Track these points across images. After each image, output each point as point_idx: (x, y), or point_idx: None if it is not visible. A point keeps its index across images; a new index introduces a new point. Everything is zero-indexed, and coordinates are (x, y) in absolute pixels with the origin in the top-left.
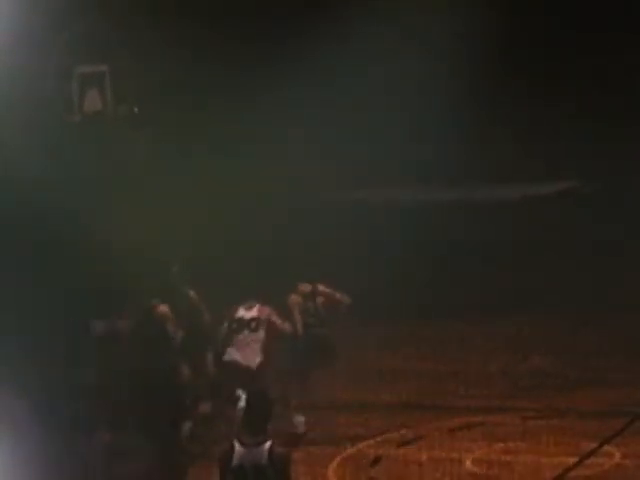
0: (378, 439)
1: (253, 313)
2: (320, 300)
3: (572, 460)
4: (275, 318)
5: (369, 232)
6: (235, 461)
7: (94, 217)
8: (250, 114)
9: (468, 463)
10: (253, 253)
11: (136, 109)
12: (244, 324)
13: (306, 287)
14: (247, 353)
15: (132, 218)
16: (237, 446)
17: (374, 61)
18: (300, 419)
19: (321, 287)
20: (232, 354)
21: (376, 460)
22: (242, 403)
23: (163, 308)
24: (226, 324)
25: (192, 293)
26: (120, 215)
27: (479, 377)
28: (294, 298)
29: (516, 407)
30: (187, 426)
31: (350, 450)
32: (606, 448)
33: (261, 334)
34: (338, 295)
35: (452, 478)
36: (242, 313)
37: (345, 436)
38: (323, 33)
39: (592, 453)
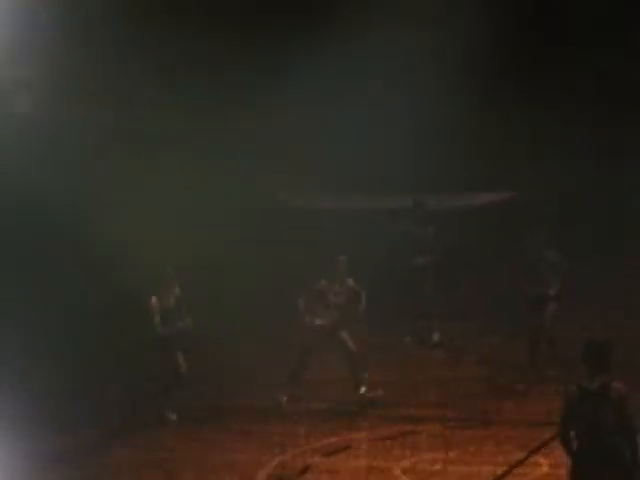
0: (307, 448)
1: None
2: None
3: (501, 470)
4: None
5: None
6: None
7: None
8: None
9: (398, 472)
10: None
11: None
12: None
13: None
14: None
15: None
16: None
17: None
18: None
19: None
20: None
21: (305, 469)
22: None
23: None
24: None
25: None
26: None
27: (412, 386)
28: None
29: (446, 416)
30: None
31: (279, 459)
32: (534, 458)
33: None
34: None
35: None
36: None
37: (274, 444)
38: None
39: (520, 463)
